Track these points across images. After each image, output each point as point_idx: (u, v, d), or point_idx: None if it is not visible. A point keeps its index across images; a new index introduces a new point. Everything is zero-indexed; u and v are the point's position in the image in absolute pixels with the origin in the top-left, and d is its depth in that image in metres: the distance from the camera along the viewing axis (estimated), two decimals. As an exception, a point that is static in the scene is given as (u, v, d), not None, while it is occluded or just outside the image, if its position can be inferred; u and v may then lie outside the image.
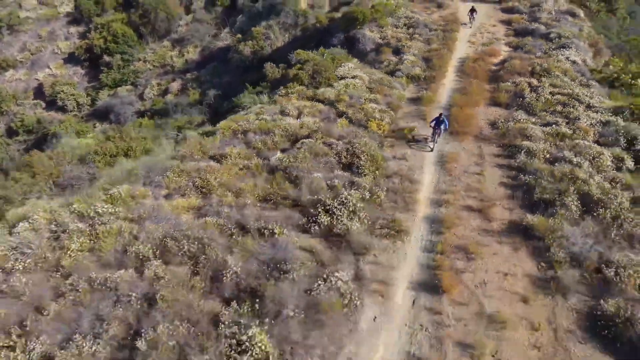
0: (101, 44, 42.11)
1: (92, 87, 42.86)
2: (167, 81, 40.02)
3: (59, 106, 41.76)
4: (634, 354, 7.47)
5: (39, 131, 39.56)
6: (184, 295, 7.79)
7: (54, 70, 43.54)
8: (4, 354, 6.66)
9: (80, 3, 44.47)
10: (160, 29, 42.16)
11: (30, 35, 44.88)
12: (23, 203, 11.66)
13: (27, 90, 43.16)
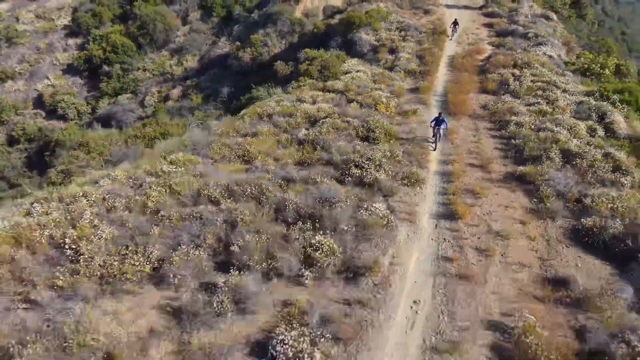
0: (100, 54, 43.99)
1: (92, 96, 44.51)
2: (168, 88, 42.09)
3: (59, 115, 43.20)
4: (605, 251, 9.95)
5: (40, 139, 40.89)
6: (257, 219, 9.98)
7: (53, 80, 45.09)
8: (130, 257, 8.70)
9: (78, 16, 46.48)
10: (159, 40, 44.39)
11: (28, 48, 46.47)
12: (84, 175, 13.62)
13: (27, 101, 44.52)
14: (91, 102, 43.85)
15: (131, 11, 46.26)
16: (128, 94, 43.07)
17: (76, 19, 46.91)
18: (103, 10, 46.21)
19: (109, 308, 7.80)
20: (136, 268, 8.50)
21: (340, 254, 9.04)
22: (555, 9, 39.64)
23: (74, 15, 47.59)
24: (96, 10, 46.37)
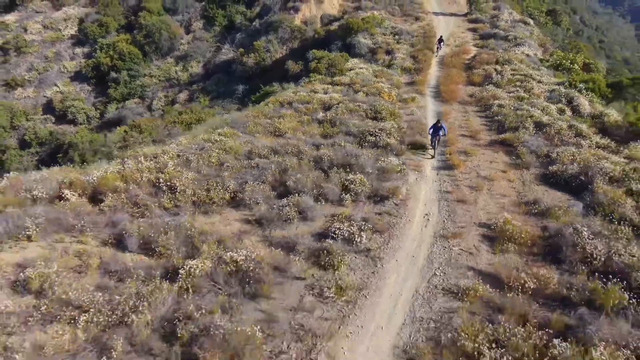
0: (108, 62, 47.13)
1: (100, 101, 47.50)
2: (174, 93, 45.36)
3: (69, 120, 46.05)
4: (565, 186, 13.43)
5: (51, 142, 43.65)
6: (302, 166, 13.29)
7: (61, 87, 47.99)
8: (213, 188, 11.89)
9: (85, 26, 49.66)
10: (164, 47, 47.76)
11: (36, 56, 49.39)
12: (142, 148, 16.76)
13: (36, 107, 47.27)
14: (99, 107, 46.82)
15: (136, 21, 49.59)
16: (135, 99, 46.17)
17: (83, 29, 50.05)
18: (109, 20, 49.49)
19: (205, 220, 10.98)
20: (219, 195, 11.71)
21: (369, 186, 12.38)
22: (533, 16, 44.34)
23: (80, 25, 50.75)
24: (102, 20, 49.61)
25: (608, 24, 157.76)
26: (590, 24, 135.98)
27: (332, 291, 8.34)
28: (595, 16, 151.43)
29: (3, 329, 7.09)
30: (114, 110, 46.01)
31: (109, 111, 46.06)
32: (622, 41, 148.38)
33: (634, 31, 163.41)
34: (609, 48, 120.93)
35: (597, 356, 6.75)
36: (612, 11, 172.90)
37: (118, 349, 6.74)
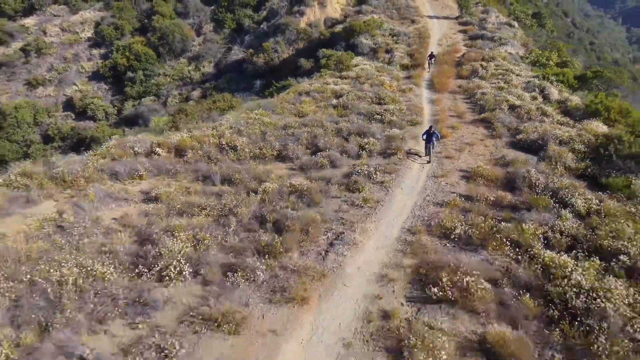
0: (124, 62, 51.64)
1: (117, 99, 51.95)
2: (188, 91, 49.92)
3: (88, 116, 50.45)
4: (527, 149, 18.11)
5: (73, 137, 47.98)
6: (327, 134, 17.93)
7: (80, 86, 52.44)
8: (263, 147, 16.46)
9: (102, 29, 54.22)
10: (177, 49, 52.38)
11: (55, 57, 53.84)
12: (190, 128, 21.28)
13: (57, 104, 51.67)
14: (117, 104, 51.26)
15: (149, 24, 54.23)
16: (151, 97, 50.65)
17: (99, 31, 54.61)
18: (124, 23, 54.08)
19: (262, 168, 15.54)
20: (269, 152, 16.33)
21: (379, 146, 17.06)
22: (520, 18, 49.52)
23: (97, 28, 55.29)
24: (118, 23, 54.20)
25: (600, 26, 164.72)
26: (582, 26, 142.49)
27: (360, 202, 12.96)
28: (586, 19, 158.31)
29: (157, 217, 11.61)
30: (130, 108, 50.44)
31: (126, 108, 50.49)
32: (613, 43, 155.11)
33: (624, 33, 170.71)
34: (599, 49, 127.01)
35: (526, 228, 11.38)
36: (603, 14, 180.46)
37: (232, 225, 11.28)
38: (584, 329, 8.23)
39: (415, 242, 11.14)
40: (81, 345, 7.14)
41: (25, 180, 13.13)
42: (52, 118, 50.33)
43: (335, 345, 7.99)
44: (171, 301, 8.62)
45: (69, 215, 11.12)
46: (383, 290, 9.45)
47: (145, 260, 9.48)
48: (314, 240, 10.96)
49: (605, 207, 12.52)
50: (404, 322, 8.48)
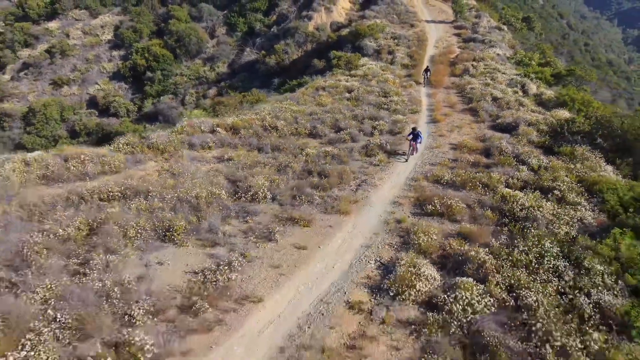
0: (143, 63, 57.11)
1: (136, 97, 57.36)
2: (204, 89, 55.41)
3: (111, 113, 55.84)
4: (503, 130, 23.67)
5: (98, 132, 53.27)
6: (346, 118, 23.46)
7: (102, 85, 57.86)
8: (297, 127, 21.93)
9: (121, 32, 59.70)
10: (193, 50, 57.93)
11: (78, 59, 59.28)
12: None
13: (81, 102, 57.05)
14: (137, 102, 56.66)
15: (166, 27, 59.78)
16: (169, 95, 56.11)
17: (119, 34, 60.09)
18: (142, 27, 59.58)
19: (300, 141, 20.97)
20: (303, 131, 21.81)
21: (387, 127, 22.58)
22: (511, 22, 55.37)
23: (116, 31, 60.76)
24: (136, 27, 59.69)
25: (596, 28, 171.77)
26: (577, 27, 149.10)
27: (376, 162, 18.47)
28: (582, 20, 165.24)
29: (236, 168, 17.02)
30: (150, 105, 55.86)
31: (146, 106, 55.93)
32: (608, 44, 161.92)
33: (620, 34, 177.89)
34: (593, 50, 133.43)
35: (494, 176, 16.86)
36: (599, 15, 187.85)
37: (290, 174, 16.72)
38: (521, 226, 13.69)
39: (416, 185, 16.67)
40: (219, 228, 12.56)
41: (129, 148, 18.55)
42: (77, 115, 55.64)
43: (368, 234, 13.44)
44: (263, 212, 14.04)
45: (177, 168, 16.55)
46: (396, 209, 14.95)
47: (239, 190, 14.93)
48: (347, 183, 16.45)
49: (552, 164, 18.11)
50: (410, 224, 13.94)
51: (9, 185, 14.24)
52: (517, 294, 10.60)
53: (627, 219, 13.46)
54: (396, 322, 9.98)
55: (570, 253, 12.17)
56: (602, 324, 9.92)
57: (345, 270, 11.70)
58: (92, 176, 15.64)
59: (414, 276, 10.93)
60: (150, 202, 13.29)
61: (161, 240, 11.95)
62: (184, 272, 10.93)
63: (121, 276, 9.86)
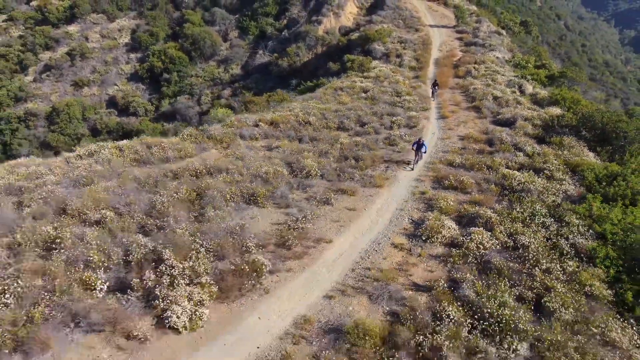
0: (160, 65, 61.24)
1: (154, 97, 61.43)
2: (218, 90, 59.62)
3: (130, 112, 59.89)
4: (503, 124, 28.07)
5: (118, 130, 57.30)
6: (367, 113, 27.79)
7: (120, 86, 61.92)
8: (328, 122, 26.19)
9: (138, 35, 63.81)
10: (207, 53, 62.13)
11: (97, 61, 63.32)
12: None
13: (101, 102, 61.06)
14: (154, 102, 60.75)
15: (181, 31, 63.94)
16: (186, 95, 60.24)
17: (136, 37, 64.20)
18: (158, 30, 63.74)
19: (333, 133, 25.25)
20: (333, 125, 26.09)
21: (404, 122, 26.94)
22: (509, 26, 59.98)
23: (133, 35, 64.85)
24: (153, 30, 63.83)
25: (593, 28, 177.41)
26: (574, 28, 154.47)
27: (398, 149, 22.81)
28: (579, 21, 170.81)
29: (286, 154, 21.26)
30: (167, 105, 59.96)
31: (163, 105, 60.03)
32: (605, 45, 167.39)
33: (617, 35, 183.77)
34: (590, 51, 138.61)
35: (496, 160, 21.19)
36: (597, 16, 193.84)
37: (330, 157, 21.00)
38: (518, 196, 17.99)
39: (433, 166, 21.02)
40: (288, 195, 16.81)
41: (192, 138, 22.76)
42: (97, 114, 59.64)
43: (400, 201, 17.75)
44: (316, 185, 18.29)
45: (239, 153, 20.78)
46: (419, 184, 19.28)
47: (295, 169, 19.19)
48: (378, 165, 20.75)
49: (544, 151, 22.49)
50: (431, 194, 18.23)
51: (114, 165, 18.44)
52: (515, 239, 14.90)
53: (599, 188, 17.84)
54: (429, 255, 14.27)
55: (555, 213, 16.51)
56: (576, 257, 14.23)
57: (387, 224, 15.99)
58: (172, 159, 19.85)
59: (439, 226, 15.23)
60: (231, 177, 17.52)
61: (247, 203, 16.17)
62: (270, 223, 15.17)
63: (230, 224, 14.08)
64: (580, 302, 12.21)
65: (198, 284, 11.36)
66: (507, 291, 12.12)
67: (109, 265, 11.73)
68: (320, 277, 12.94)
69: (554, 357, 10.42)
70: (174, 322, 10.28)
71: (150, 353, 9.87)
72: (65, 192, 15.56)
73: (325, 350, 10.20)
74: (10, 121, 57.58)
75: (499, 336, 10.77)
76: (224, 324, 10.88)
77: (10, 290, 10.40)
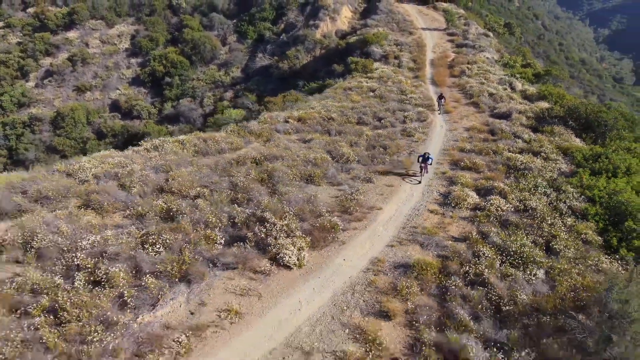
0: (161, 69, 64.38)
1: (156, 101, 64.50)
2: (220, 92, 63.11)
3: (133, 116, 62.88)
4: (500, 117, 32.58)
5: (124, 134, 60.20)
6: (380, 109, 31.98)
7: (122, 90, 64.81)
8: (348, 117, 30.24)
9: (139, 41, 66.82)
10: (207, 57, 65.56)
11: (98, 66, 66.09)
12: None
13: (104, 106, 63.84)
14: (157, 105, 63.85)
15: (180, 36, 67.22)
16: (188, 98, 63.51)
17: (136, 43, 67.19)
18: (158, 35, 66.88)
19: (356, 127, 29.29)
20: (352, 120, 30.16)
21: (415, 116, 31.19)
22: (494, 28, 65.19)
23: (133, 40, 67.82)
24: (153, 35, 66.93)
25: (569, 27, 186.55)
26: (551, 28, 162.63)
27: (415, 139, 26.99)
28: (556, 21, 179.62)
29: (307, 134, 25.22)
30: (170, 108, 63.16)
31: (166, 108, 63.23)
32: (581, 43, 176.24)
33: (592, 33, 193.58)
34: (567, 50, 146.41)
35: (500, 146, 25.56)
36: (572, 15, 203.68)
37: (360, 146, 25.03)
38: (522, 173, 22.31)
39: (448, 152, 25.26)
40: (337, 175, 20.76)
41: (234, 134, 26.48)
42: (102, 118, 62.41)
43: (426, 179, 21.89)
44: (356, 168, 22.26)
45: (281, 144, 24.61)
46: (439, 166, 23.51)
47: (335, 156, 23.15)
48: (401, 152, 24.87)
49: (538, 138, 27.00)
50: (451, 174, 22.43)
51: (182, 155, 22.07)
52: (525, 203, 19.15)
53: (587, 165, 22.33)
54: (459, 217, 18.41)
55: (554, 184, 20.89)
56: (572, 215, 18.56)
57: (421, 196, 20.11)
58: (227, 150, 23.56)
59: (464, 196, 19.40)
60: (287, 162, 21.38)
61: (306, 182, 20.06)
62: (329, 197, 19.09)
63: (304, 195, 17.96)
64: (578, 245, 16.50)
65: (294, 236, 15.19)
66: (524, 237, 16.32)
67: (221, 226, 15.48)
68: (379, 233, 16.94)
69: (562, 279, 14.59)
70: (287, 261, 14.12)
71: (275, 282, 13.67)
72: (154, 176, 19.20)
73: (398, 278, 14.17)
74: (15, 126, 59.87)
75: (522, 266, 14.93)
76: (320, 264, 14.76)
77: (159, 241, 14.07)
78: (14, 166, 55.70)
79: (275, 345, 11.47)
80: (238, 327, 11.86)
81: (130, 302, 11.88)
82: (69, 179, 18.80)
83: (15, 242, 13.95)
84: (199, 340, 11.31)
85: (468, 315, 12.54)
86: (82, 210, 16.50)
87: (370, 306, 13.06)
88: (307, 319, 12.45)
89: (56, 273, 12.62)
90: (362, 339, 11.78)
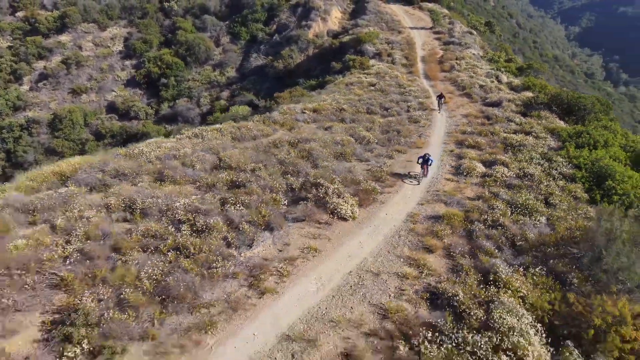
0: (157, 70, 67.17)
1: (152, 102, 67.17)
2: (216, 92, 66.27)
3: (131, 117, 65.45)
4: (493, 106, 37.08)
5: (122, 134, 62.73)
6: (383, 99, 36.05)
7: (118, 92, 67.27)
8: (358, 107, 34.15)
9: (132, 43, 69.44)
10: (202, 58, 68.64)
11: (92, 69, 68.36)
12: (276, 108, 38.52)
13: (100, 108, 66.17)
14: (154, 106, 66.56)
15: (174, 38, 70.14)
16: (185, 98, 66.41)
17: (130, 45, 69.77)
18: (152, 37, 69.63)
19: (368, 116, 33.24)
20: (362, 110, 34.12)
21: (417, 106, 35.37)
22: (476, 27, 70.38)
23: (126, 42, 70.37)
24: (146, 38, 69.65)
25: (541, 26, 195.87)
26: (525, 26, 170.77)
27: (422, 124, 31.11)
28: (529, 19, 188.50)
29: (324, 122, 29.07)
30: (167, 108, 65.95)
31: (163, 109, 65.98)
32: (554, 41, 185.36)
33: (563, 31, 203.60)
34: (541, 47, 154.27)
35: (496, 128, 29.92)
36: (544, 14, 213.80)
37: (375, 130, 28.98)
38: (518, 149, 26.62)
39: (452, 134, 29.46)
40: (364, 153, 24.61)
41: (260, 123, 30.08)
42: (99, 120, 64.77)
43: (438, 155, 26.01)
44: (377, 148, 26.15)
45: (306, 132, 28.33)
46: (446, 146, 27.69)
47: (357, 139, 27.00)
48: (412, 135, 28.92)
49: (528, 121, 31.49)
50: (458, 151, 26.58)
51: (221, 142, 25.57)
52: (524, 171, 23.38)
53: (572, 141, 26.83)
54: (471, 183, 22.51)
55: (546, 156, 25.25)
56: (563, 178, 22.88)
57: (437, 169, 24.14)
58: (259, 137, 27.16)
59: (473, 166, 23.54)
60: (317, 144, 25.12)
61: (338, 160, 23.85)
62: (362, 170, 22.93)
63: (341, 167, 21.77)
64: (570, 200, 20.78)
65: (344, 197, 18.97)
66: (528, 195, 20.52)
67: (283, 190, 19.15)
68: (408, 195, 20.91)
69: (560, 224, 18.77)
70: (343, 214, 17.91)
71: (337, 229, 17.43)
72: (209, 156, 22.70)
73: (433, 225, 18.12)
74: (13, 129, 61.70)
75: (528, 215, 19.07)
76: (368, 217, 18.60)
77: (239, 201, 17.63)
78: (13, 169, 57.73)
79: (351, 269, 15.23)
80: (319, 258, 15.58)
81: (233, 242, 15.44)
82: (133, 161, 22.13)
83: (119, 206, 17.30)
84: (292, 267, 14.98)
85: (492, 247, 16.56)
86: (158, 183, 19.90)
87: (415, 244, 16.96)
88: (369, 253, 16.26)
89: (166, 224, 16.07)
90: (414, 264, 15.64)
